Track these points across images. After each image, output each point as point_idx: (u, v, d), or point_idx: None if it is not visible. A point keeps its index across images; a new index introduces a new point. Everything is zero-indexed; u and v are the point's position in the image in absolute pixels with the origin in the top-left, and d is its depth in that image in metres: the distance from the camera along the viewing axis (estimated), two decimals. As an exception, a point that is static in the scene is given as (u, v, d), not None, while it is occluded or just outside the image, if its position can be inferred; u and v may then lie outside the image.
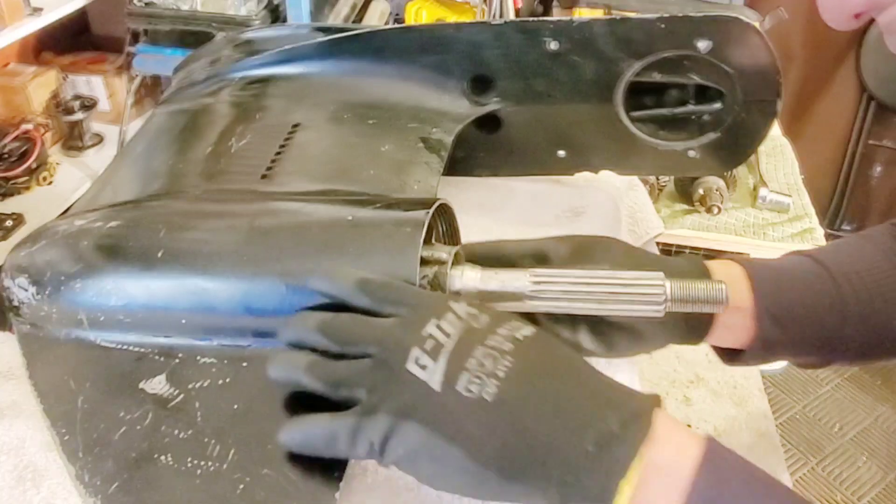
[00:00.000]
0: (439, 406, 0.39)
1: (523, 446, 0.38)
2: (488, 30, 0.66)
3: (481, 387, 0.39)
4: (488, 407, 0.39)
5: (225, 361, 0.50)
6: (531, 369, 0.40)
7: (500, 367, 0.40)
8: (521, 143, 0.73)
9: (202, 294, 0.50)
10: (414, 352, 0.41)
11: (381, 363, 0.42)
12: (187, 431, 0.46)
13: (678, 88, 0.67)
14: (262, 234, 0.51)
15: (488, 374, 0.39)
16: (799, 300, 0.57)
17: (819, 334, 0.58)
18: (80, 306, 0.52)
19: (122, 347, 0.52)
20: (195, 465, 0.44)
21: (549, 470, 0.38)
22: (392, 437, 0.40)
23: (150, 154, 0.70)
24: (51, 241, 0.55)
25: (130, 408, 0.48)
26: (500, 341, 0.41)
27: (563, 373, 0.41)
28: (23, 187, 1.61)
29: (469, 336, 0.41)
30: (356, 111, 0.70)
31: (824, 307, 0.57)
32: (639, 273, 0.48)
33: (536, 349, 0.41)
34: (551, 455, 0.38)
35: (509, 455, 0.39)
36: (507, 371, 0.40)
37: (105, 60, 1.85)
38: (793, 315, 0.57)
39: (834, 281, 0.58)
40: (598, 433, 0.38)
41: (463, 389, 0.39)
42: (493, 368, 0.40)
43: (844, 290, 0.57)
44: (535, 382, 0.40)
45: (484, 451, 0.39)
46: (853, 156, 2.32)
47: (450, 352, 0.40)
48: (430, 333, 0.41)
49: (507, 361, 0.40)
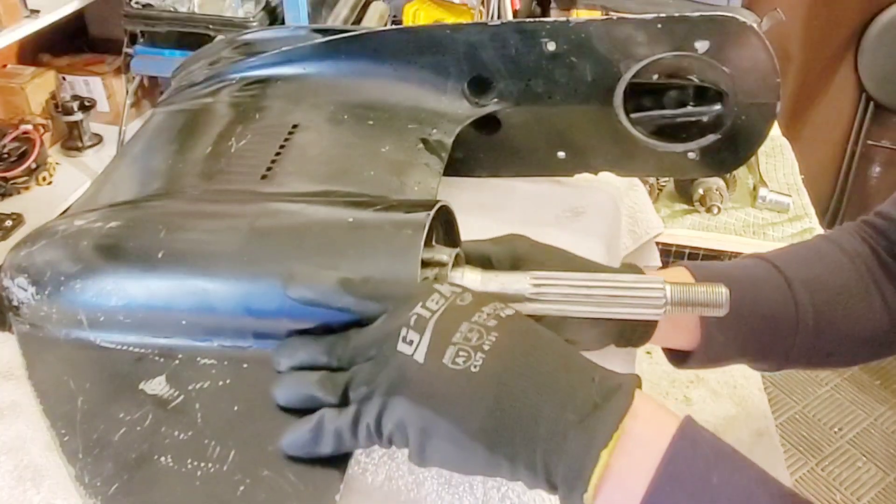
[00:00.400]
0: (425, 378, 0.40)
1: (509, 417, 0.39)
2: (486, 31, 0.66)
3: (468, 359, 0.40)
4: (474, 379, 0.40)
5: (225, 362, 0.50)
6: (516, 344, 0.41)
7: (486, 341, 0.41)
8: (521, 145, 0.73)
9: (202, 295, 0.50)
10: (402, 331, 0.42)
11: (377, 357, 0.43)
12: (187, 432, 0.46)
13: (677, 90, 0.67)
14: (262, 235, 0.51)
15: (474, 348, 0.41)
16: (748, 304, 0.57)
17: (769, 339, 0.58)
18: (80, 306, 0.52)
19: (121, 348, 0.52)
20: (195, 466, 0.44)
21: (534, 439, 0.39)
22: (383, 414, 0.41)
23: (149, 154, 0.70)
24: (50, 241, 0.55)
25: (130, 409, 0.48)
26: (484, 318, 0.42)
27: (546, 348, 0.42)
28: (22, 187, 1.61)
29: (453, 311, 0.42)
30: (355, 112, 0.70)
31: (776, 312, 0.58)
32: (639, 276, 0.48)
33: (520, 327, 0.43)
34: (537, 424, 0.39)
35: (496, 425, 0.39)
36: (493, 345, 0.41)
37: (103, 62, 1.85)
38: (742, 320, 0.57)
39: (789, 286, 0.58)
40: (582, 403, 0.39)
41: (449, 362, 0.40)
42: (479, 342, 0.41)
43: (800, 296, 0.58)
44: (520, 356, 0.41)
45: (471, 422, 0.40)
46: (852, 156, 2.33)
47: (434, 322, 0.41)
48: (416, 312, 0.42)
49: (492, 336, 0.41)
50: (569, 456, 0.38)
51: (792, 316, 0.58)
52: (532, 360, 0.41)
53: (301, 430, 0.43)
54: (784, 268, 0.59)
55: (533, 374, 0.40)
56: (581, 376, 0.41)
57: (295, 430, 0.44)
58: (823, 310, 0.58)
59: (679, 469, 0.38)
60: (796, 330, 0.58)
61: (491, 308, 0.43)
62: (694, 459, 0.39)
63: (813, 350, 0.59)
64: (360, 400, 0.42)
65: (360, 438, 0.42)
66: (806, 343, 0.58)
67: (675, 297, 0.47)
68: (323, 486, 0.43)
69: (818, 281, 0.59)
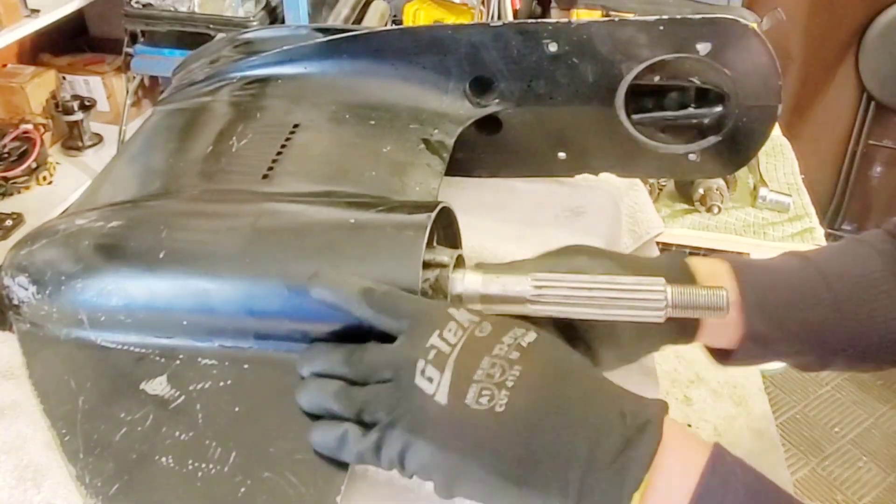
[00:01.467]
0: (448, 422, 0.40)
1: (541, 455, 0.38)
2: (487, 31, 0.66)
3: (491, 398, 0.39)
4: (501, 418, 0.39)
5: (226, 363, 0.50)
6: (540, 377, 0.40)
7: (508, 376, 0.39)
8: (522, 145, 0.73)
9: (204, 295, 0.50)
10: (420, 364, 0.41)
11: (395, 384, 0.42)
12: (188, 433, 0.46)
13: (679, 92, 0.67)
14: (264, 235, 0.51)
15: (498, 386, 0.39)
16: (789, 297, 0.56)
17: (813, 331, 0.57)
18: (81, 306, 0.52)
19: (122, 348, 0.52)
20: (196, 467, 0.44)
21: (565, 480, 0.38)
22: (407, 453, 0.41)
23: (149, 153, 0.70)
24: (51, 241, 0.55)
25: (131, 409, 0.48)
26: (506, 350, 0.41)
27: (572, 379, 0.41)
28: (22, 187, 1.61)
29: (473, 345, 0.41)
30: (356, 112, 0.70)
31: (817, 305, 0.56)
32: (640, 278, 0.48)
33: (543, 355, 0.41)
34: (568, 465, 0.38)
35: (527, 465, 0.39)
36: (516, 380, 0.39)
37: (103, 61, 1.85)
38: (783, 311, 0.56)
39: (826, 281, 0.57)
40: (614, 442, 0.38)
41: (473, 402, 0.39)
42: (502, 379, 0.39)
43: (837, 289, 0.57)
44: (545, 390, 0.40)
45: (500, 463, 0.39)
46: (853, 155, 2.33)
47: (454, 361, 0.40)
48: (433, 344, 0.41)
49: (515, 371, 0.40)
50: (602, 498, 0.38)
51: (832, 307, 0.56)
52: (559, 394, 0.40)
53: (328, 437, 0.43)
54: (819, 262, 0.58)
55: (560, 410, 0.39)
56: (611, 409, 0.40)
57: (324, 433, 0.44)
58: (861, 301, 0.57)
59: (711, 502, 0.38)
60: (839, 321, 0.56)
61: (511, 337, 0.42)
62: (724, 498, 0.38)
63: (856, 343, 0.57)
64: (381, 428, 0.42)
65: (384, 465, 0.42)
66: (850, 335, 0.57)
67: (676, 300, 0.47)
68: (324, 487, 0.43)
69: (853, 276, 0.57)
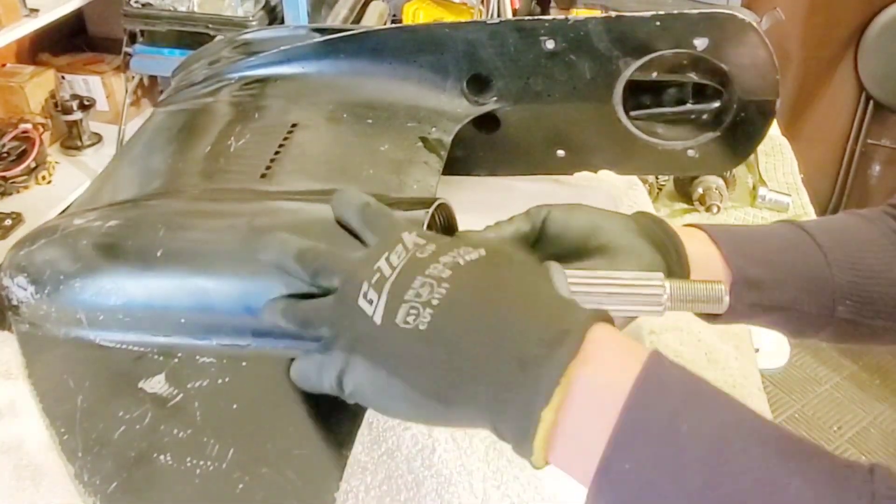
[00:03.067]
0: (380, 340, 0.40)
1: (455, 372, 0.38)
2: (484, 29, 0.66)
3: (416, 317, 0.39)
4: (423, 336, 0.38)
5: (224, 361, 0.50)
6: (466, 294, 0.39)
7: (434, 294, 0.39)
8: (520, 143, 0.73)
9: (201, 293, 0.50)
10: (363, 287, 0.41)
11: (340, 299, 0.42)
12: (187, 431, 0.46)
13: (677, 88, 0.67)
14: (261, 233, 0.51)
15: (423, 304, 0.39)
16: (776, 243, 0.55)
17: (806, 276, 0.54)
18: (80, 305, 0.52)
19: (121, 347, 0.52)
20: (194, 464, 0.44)
21: (478, 394, 0.37)
22: (345, 372, 0.42)
23: (149, 153, 0.70)
24: (50, 241, 0.55)
25: (130, 407, 0.48)
26: (439, 269, 0.40)
27: (498, 294, 0.39)
28: (21, 186, 1.61)
29: (410, 266, 0.40)
30: (354, 111, 0.70)
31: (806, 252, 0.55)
32: (639, 273, 0.48)
33: (477, 273, 0.40)
34: (479, 379, 0.37)
35: (444, 382, 0.38)
36: (441, 299, 0.38)
37: (102, 61, 1.85)
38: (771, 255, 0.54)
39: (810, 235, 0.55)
40: (521, 354, 0.36)
41: (401, 321, 0.39)
42: (429, 297, 0.39)
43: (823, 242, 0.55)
44: (467, 307, 0.38)
45: (422, 381, 0.39)
46: (852, 155, 2.33)
47: (391, 284, 0.40)
48: (379, 267, 0.41)
49: (442, 288, 0.39)
50: (511, 419, 0.36)
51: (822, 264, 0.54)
52: (480, 310, 0.38)
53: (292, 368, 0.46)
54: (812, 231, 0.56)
55: (479, 326, 0.38)
56: (527, 321, 0.37)
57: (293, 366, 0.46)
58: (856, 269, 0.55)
59: (642, 419, 0.34)
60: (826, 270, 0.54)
61: (450, 256, 0.40)
62: (659, 406, 0.34)
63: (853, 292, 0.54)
64: (322, 349, 0.43)
65: (326, 387, 0.43)
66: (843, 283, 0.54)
67: (675, 294, 0.47)
68: (322, 483, 0.43)
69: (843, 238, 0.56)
